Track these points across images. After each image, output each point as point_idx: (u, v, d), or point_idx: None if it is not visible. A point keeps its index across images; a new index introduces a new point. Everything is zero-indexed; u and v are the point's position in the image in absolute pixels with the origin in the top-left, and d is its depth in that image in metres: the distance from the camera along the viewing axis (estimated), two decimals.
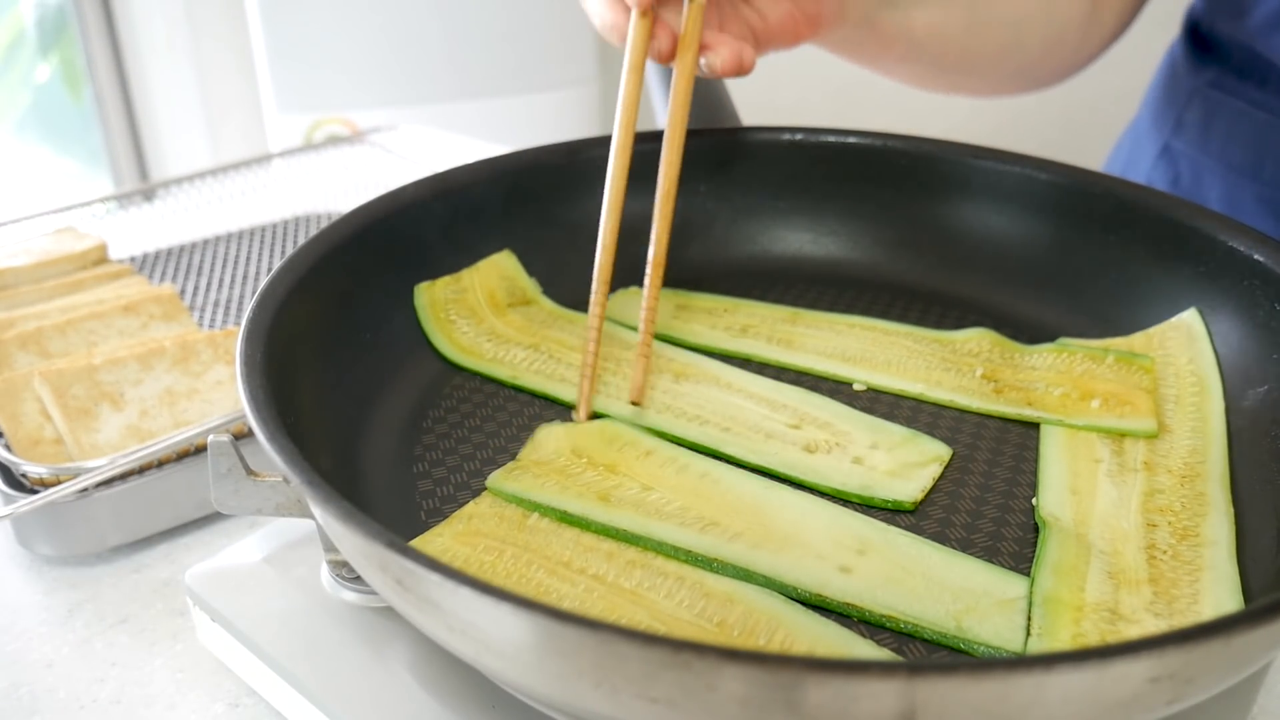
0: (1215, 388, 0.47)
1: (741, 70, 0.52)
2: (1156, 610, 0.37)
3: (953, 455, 0.45)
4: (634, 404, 0.47)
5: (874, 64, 0.66)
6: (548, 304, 0.55)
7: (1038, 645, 0.36)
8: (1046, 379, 0.49)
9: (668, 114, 0.52)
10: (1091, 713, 0.27)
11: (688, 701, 0.27)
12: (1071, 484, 0.43)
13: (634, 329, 0.53)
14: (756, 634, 0.36)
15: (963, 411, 0.48)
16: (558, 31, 1.96)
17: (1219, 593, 0.38)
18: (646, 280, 0.50)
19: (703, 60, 0.52)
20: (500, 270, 0.55)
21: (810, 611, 0.37)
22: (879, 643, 0.36)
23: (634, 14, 0.50)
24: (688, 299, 0.56)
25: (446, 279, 0.54)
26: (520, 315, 0.53)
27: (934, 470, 0.44)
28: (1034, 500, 0.43)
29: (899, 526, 0.41)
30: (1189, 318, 0.49)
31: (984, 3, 0.66)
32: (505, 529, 0.40)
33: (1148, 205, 0.52)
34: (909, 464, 0.44)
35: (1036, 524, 0.41)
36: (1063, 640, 0.36)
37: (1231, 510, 0.41)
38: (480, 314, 0.53)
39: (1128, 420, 0.46)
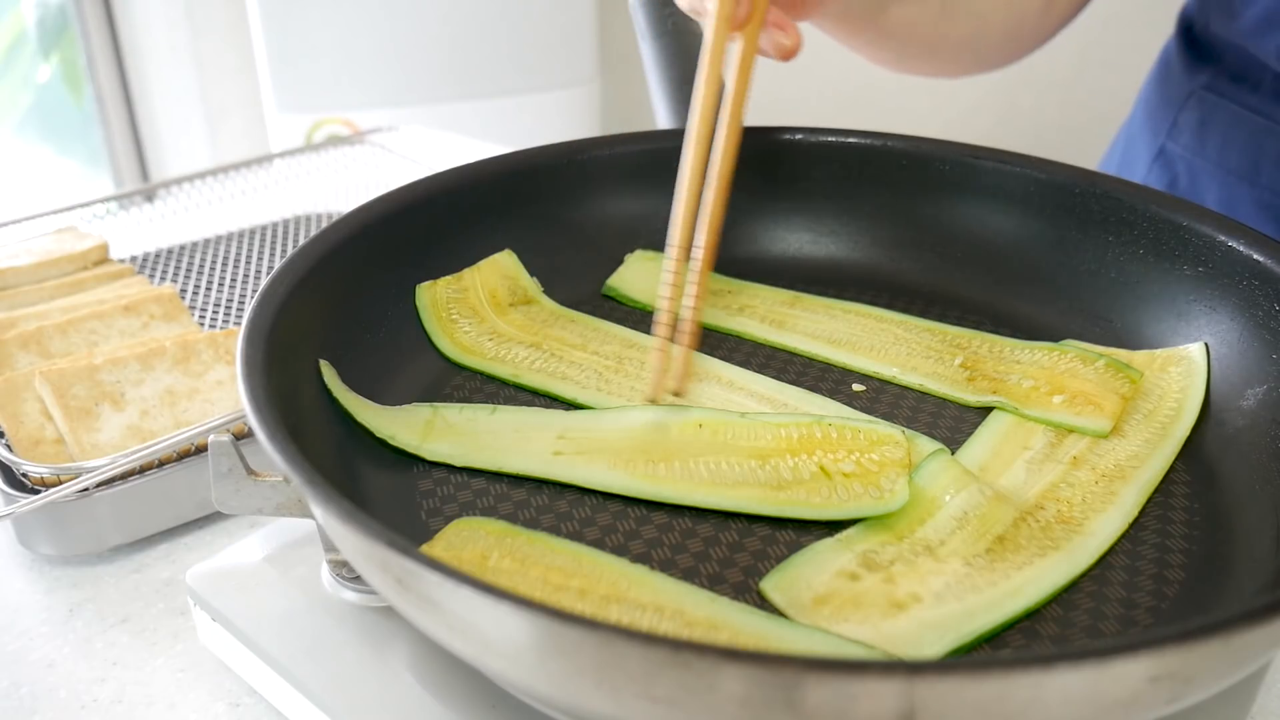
0: (1190, 416, 0.47)
1: (795, 53, 0.51)
2: (975, 564, 0.38)
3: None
4: (675, 394, 0.47)
5: (843, 42, 0.67)
6: (549, 303, 0.55)
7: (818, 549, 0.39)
8: (1023, 371, 0.49)
9: (732, 85, 0.51)
10: (1091, 712, 0.27)
11: (688, 701, 0.27)
12: (985, 462, 0.44)
13: (646, 307, 0.55)
14: None
15: (961, 407, 0.48)
16: (558, 31, 1.96)
17: (1050, 572, 0.39)
18: (698, 264, 0.50)
19: (779, 38, 0.51)
20: (501, 270, 0.55)
21: (798, 626, 0.36)
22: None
23: None
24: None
25: (448, 279, 0.54)
26: (522, 315, 0.54)
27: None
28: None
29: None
30: (1195, 351, 0.49)
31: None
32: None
33: (1147, 205, 0.52)
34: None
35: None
36: (839, 556, 0.39)
37: (1135, 515, 0.42)
38: (482, 313, 0.53)
39: (1083, 419, 0.46)
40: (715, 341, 0.53)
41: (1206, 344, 0.49)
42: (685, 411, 0.45)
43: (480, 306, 0.53)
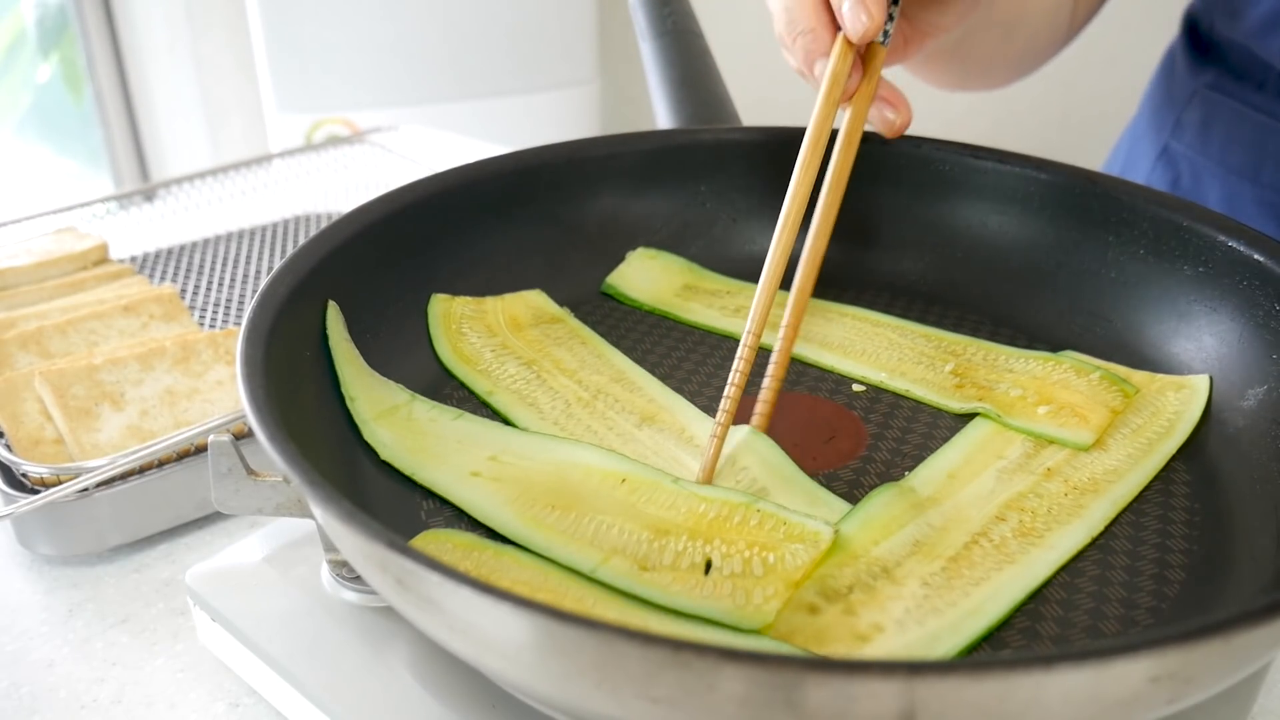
0: (1180, 437, 0.46)
1: (904, 130, 0.53)
2: (931, 582, 0.38)
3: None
4: (754, 426, 0.44)
5: (913, 72, 0.68)
6: (573, 323, 0.54)
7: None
8: (1014, 380, 0.49)
9: (835, 161, 0.50)
10: (1092, 712, 0.27)
11: (688, 701, 0.27)
12: (954, 470, 0.44)
13: (645, 306, 0.55)
14: None
15: (937, 409, 0.48)
16: (558, 31, 1.96)
17: (1008, 587, 0.38)
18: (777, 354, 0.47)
19: (886, 114, 0.52)
20: (526, 301, 0.55)
21: (762, 639, 0.35)
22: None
23: (839, 46, 0.48)
24: (698, 279, 0.57)
25: (466, 299, 0.53)
26: (540, 332, 0.53)
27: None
28: (906, 473, 0.44)
29: None
30: (1199, 383, 0.48)
31: (1016, 20, 0.69)
32: None
33: (1148, 205, 0.52)
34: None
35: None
36: (798, 576, 0.37)
37: (1100, 530, 0.41)
38: (495, 331, 0.52)
39: (1065, 430, 0.45)
40: (711, 344, 0.53)
41: (1211, 377, 0.48)
42: (620, 461, 0.43)
43: (496, 326, 0.52)
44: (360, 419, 0.44)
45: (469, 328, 0.52)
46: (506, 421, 0.47)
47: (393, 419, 0.45)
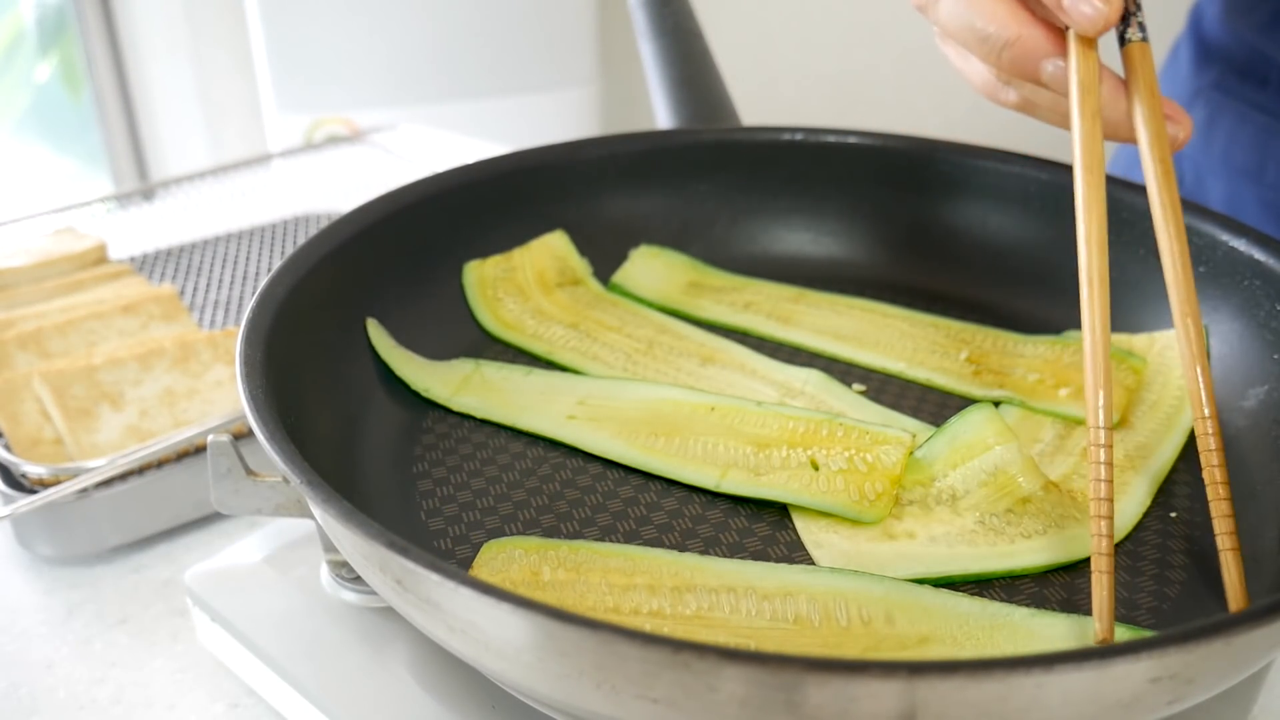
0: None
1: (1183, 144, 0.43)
2: (988, 522, 0.40)
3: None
4: (1102, 641, 0.35)
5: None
6: (595, 286, 0.55)
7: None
8: (1028, 365, 0.50)
9: (1081, 185, 0.41)
10: (1092, 713, 0.27)
11: (688, 702, 0.27)
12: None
13: (653, 305, 0.55)
14: (834, 617, 0.36)
15: (947, 394, 0.49)
16: (557, 31, 1.96)
17: (1050, 549, 0.39)
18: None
19: (1172, 131, 0.42)
20: (552, 250, 0.56)
21: (860, 575, 0.37)
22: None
23: (1074, 47, 0.39)
24: (702, 275, 0.57)
25: (497, 257, 0.55)
26: (567, 295, 0.54)
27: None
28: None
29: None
30: None
31: None
32: (524, 592, 0.37)
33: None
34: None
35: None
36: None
37: (1148, 504, 0.42)
38: (527, 292, 0.54)
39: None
40: (721, 337, 0.53)
41: (1206, 325, 0.49)
42: (702, 393, 0.46)
43: (527, 285, 0.54)
44: (443, 400, 0.47)
45: (504, 292, 0.54)
46: (575, 372, 0.49)
47: (470, 387, 0.48)
